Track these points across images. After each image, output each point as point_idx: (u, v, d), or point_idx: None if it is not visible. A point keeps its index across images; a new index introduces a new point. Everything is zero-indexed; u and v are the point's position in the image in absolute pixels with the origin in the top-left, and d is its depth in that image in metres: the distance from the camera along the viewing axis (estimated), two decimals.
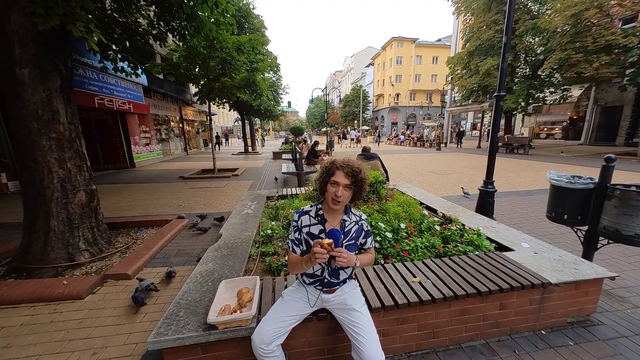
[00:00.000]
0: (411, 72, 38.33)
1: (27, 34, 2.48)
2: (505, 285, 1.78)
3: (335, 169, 1.30)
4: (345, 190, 1.28)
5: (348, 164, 1.30)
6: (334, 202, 1.29)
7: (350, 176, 1.28)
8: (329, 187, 1.30)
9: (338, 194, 1.26)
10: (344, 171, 1.28)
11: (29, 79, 2.52)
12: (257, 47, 9.17)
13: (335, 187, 1.28)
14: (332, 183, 1.29)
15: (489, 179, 3.69)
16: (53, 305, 2.33)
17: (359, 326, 1.31)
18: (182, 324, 1.49)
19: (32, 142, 2.65)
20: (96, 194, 3.30)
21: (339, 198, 1.27)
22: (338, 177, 1.28)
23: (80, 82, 7.42)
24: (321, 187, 1.36)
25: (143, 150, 11.94)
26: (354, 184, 1.30)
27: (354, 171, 1.29)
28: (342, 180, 1.27)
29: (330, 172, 1.31)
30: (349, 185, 1.28)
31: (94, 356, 1.82)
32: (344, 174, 1.28)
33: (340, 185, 1.27)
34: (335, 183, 1.28)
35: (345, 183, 1.28)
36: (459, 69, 18.03)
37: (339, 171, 1.28)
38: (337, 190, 1.27)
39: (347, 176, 1.28)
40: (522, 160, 11.77)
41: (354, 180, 1.29)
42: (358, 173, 1.29)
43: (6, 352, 1.85)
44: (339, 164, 1.30)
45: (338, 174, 1.28)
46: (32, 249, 2.81)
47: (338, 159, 1.34)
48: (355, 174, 1.29)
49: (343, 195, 1.28)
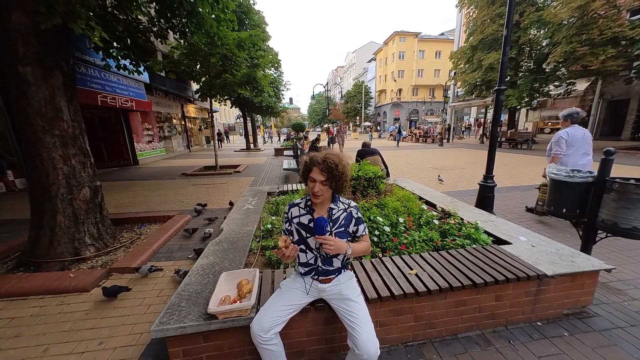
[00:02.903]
0: (414, 67, 37.94)
1: (30, 32, 2.52)
2: (500, 277, 1.81)
3: (312, 166, 1.34)
4: (322, 186, 1.32)
5: (325, 160, 1.32)
6: (314, 197, 1.35)
7: (326, 172, 1.31)
8: (309, 183, 1.36)
9: (315, 189, 1.32)
10: (319, 168, 1.31)
11: (32, 77, 2.57)
12: (258, 43, 9.16)
13: (313, 183, 1.33)
14: (310, 179, 1.34)
15: (489, 174, 3.69)
16: (60, 297, 2.41)
17: (355, 315, 1.34)
18: (183, 314, 1.54)
19: (37, 139, 2.71)
20: (100, 190, 3.37)
21: (317, 194, 1.32)
22: (314, 173, 1.32)
23: (83, 80, 7.49)
24: (304, 182, 1.42)
25: (146, 147, 12.05)
26: (330, 180, 1.32)
27: (330, 167, 1.31)
28: (318, 176, 1.31)
29: (308, 168, 1.36)
30: (324, 181, 1.32)
31: (100, 345, 1.88)
32: (319, 171, 1.31)
33: (316, 181, 1.32)
34: (313, 179, 1.33)
35: (320, 179, 1.31)
36: (462, 64, 17.82)
37: (315, 168, 1.32)
38: (314, 186, 1.32)
39: (322, 173, 1.31)
40: (525, 155, 11.69)
41: (330, 176, 1.31)
42: (334, 169, 1.31)
43: (17, 341, 1.93)
44: (316, 160, 1.34)
45: (314, 170, 1.33)
46: (39, 243, 2.89)
47: (317, 155, 1.37)
48: (331, 170, 1.31)
49: (320, 191, 1.32)
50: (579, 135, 3.50)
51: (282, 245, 1.30)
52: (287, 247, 1.30)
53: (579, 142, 3.49)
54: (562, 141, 3.53)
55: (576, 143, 3.49)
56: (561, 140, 3.53)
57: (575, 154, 3.52)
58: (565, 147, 3.53)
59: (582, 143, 3.50)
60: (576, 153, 3.52)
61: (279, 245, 1.31)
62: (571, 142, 3.49)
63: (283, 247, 1.29)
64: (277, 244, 1.35)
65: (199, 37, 6.83)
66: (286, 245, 1.30)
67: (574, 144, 3.50)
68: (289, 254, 1.30)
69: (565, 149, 3.53)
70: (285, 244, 1.31)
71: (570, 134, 3.50)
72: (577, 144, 3.49)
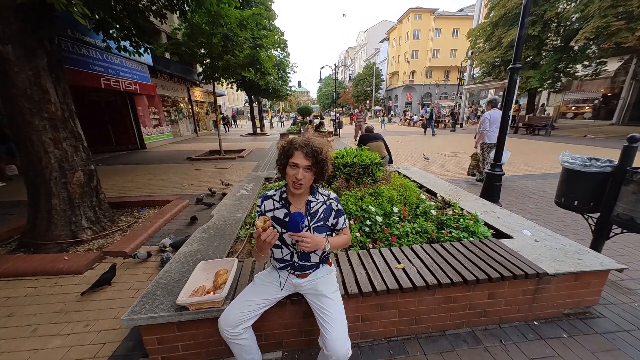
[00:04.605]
0: (428, 47, 35.85)
1: (8, 8, 2.41)
2: (495, 275, 1.67)
3: (294, 150, 1.18)
4: (306, 172, 1.18)
5: (308, 143, 1.19)
6: (295, 186, 1.20)
7: (311, 157, 1.17)
8: (289, 170, 1.20)
9: (298, 176, 1.16)
10: (303, 152, 1.17)
11: (13, 56, 2.49)
12: (261, 22, 8.73)
13: (295, 169, 1.18)
14: (291, 165, 1.19)
15: (497, 161, 3.44)
16: (55, 278, 2.46)
17: (327, 313, 1.26)
18: (157, 303, 1.50)
19: (25, 122, 2.67)
20: (95, 174, 3.36)
21: (300, 181, 1.17)
22: (297, 158, 1.17)
23: (85, 62, 7.43)
24: (281, 170, 1.25)
25: (153, 131, 12.14)
26: (315, 165, 1.19)
27: (314, 151, 1.17)
28: (302, 161, 1.17)
29: (288, 153, 1.20)
30: (309, 166, 1.18)
31: (86, 327, 1.91)
32: (304, 155, 1.17)
33: (300, 167, 1.17)
34: (295, 165, 1.18)
35: (305, 164, 1.17)
36: (481, 42, 16.60)
37: (298, 152, 1.17)
38: (297, 173, 1.17)
39: (307, 157, 1.17)
40: (542, 142, 11.03)
41: (315, 161, 1.18)
42: (319, 153, 1.18)
43: (9, 320, 1.99)
44: (297, 144, 1.19)
45: (297, 155, 1.17)
46: (37, 226, 2.95)
47: (297, 139, 1.23)
48: (316, 154, 1.18)
49: (304, 178, 1.18)
50: (498, 115, 4.69)
51: (260, 225, 1.14)
52: (266, 229, 1.14)
53: (497, 121, 4.54)
54: (486, 120, 5.04)
55: (495, 122, 4.83)
56: (486, 120, 5.05)
57: (496, 130, 4.62)
58: (489, 125, 5.00)
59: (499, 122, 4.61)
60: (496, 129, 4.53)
61: (257, 224, 1.15)
62: (493, 121, 4.95)
63: (260, 228, 1.13)
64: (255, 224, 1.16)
65: (200, 16, 6.56)
66: (265, 226, 1.14)
67: (494, 123, 4.89)
68: (266, 238, 1.12)
69: (489, 126, 4.99)
70: (265, 224, 1.14)
71: (492, 115, 4.99)
72: (496, 123, 4.64)
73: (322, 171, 1.22)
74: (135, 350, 1.70)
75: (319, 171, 1.22)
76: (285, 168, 1.22)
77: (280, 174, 1.27)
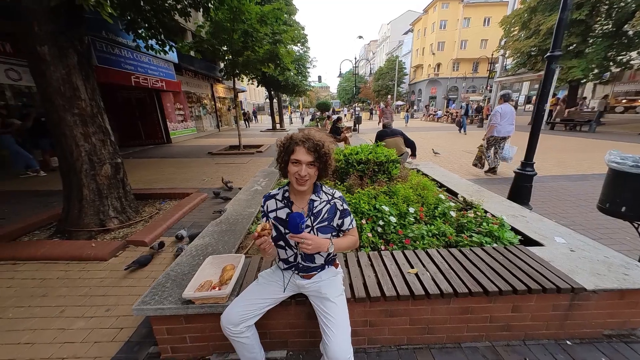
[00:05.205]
0: (456, 38, 33.86)
1: (43, 11, 2.57)
2: (520, 287, 1.51)
3: (295, 146, 1.13)
4: (309, 168, 1.12)
5: (309, 137, 1.13)
6: (299, 183, 1.14)
7: (313, 152, 1.11)
8: (291, 167, 1.14)
9: (302, 173, 1.11)
10: (305, 147, 1.11)
11: (49, 56, 2.67)
12: (281, 17, 8.71)
13: (298, 165, 1.12)
14: (293, 162, 1.13)
15: (529, 160, 3.14)
16: (83, 264, 2.65)
17: (330, 318, 1.20)
18: (165, 295, 1.54)
19: (59, 118, 2.87)
20: (122, 167, 3.56)
21: (304, 178, 1.12)
22: (299, 154, 1.11)
23: (117, 61, 7.89)
24: (282, 169, 1.20)
25: (178, 127, 12.71)
26: (317, 160, 1.13)
27: (316, 145, 1.12)
28: (304, 157, 1.11)
29: (289, 149, 1.14)
30: (312, 162, 1.12)
31: (107, 312, 2.03)
32: (306, 150, 1.11)
33: (302, 163, 1.11)
34: (297, 162, 1.12)
35: (308, 160, 1.11)
36: (516, 29, 15.29)
37: (299, 147, 1.12)
38: (300, 170, 1.11)
39: (309, 152, 1.11)
40: (585, 139, 9.98)
41: (317, 155, 1.12)
42: (321, 147, 1.12)
43: (43, 300, 2.16)
44: (298, 139, 1.13)
45: (298, 150, 1.12)
46: (70, 214, 3.19)
47: (296, 134, 1.17)
48: (318, 149, 1.12)
49: (308, 174, 1.12)
50: (509, 110, 5.15)
51: (258, 230, 1.10)
52: (262, 236, 1.10)
53: (508, 115, 5.14)
54: (497, 114, 5.18)
55: (506, 116, 5.15)
56: (497, 113, 5.18)
57: (505, 124, 5.18)
58: (499, 118, 5.16)
59: (510, 116, 5.17)
60: (506, 123, 5.18)
61: (256, 230, 1.10)
62: (504, 115, 5.15)
63: (256, 233, 1.10)
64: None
65: (222, 13, 6.68)
66: (261, 233, 1.10)
67: (505, 117, 5.15)
68: (265, 247, 1.10)
69: (499, 120, 5.16)
70: (262, 232, 1.10)
71: (503, 109, 5.16)
72: (507, 117, 5.14)
73: (325, 166, 1.17)
74: (148, 337, 1.77)
75: (323, 166, 1.16)
76: (286, 166, 1.16)
77: (281, 172, 1.22)
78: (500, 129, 5.17)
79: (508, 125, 5.16)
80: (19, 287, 2.31)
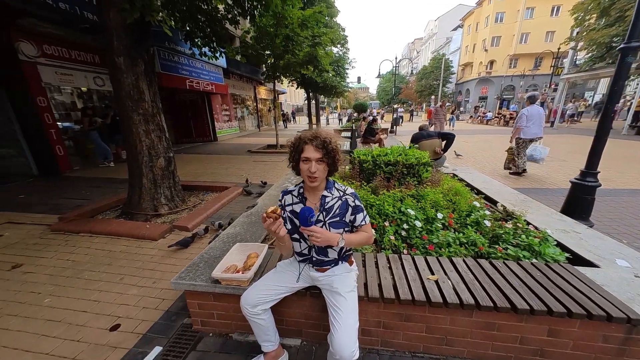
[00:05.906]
0: (515, 31, 30.41)
1: (121, 27, 3.09)
2: (558, 308, 1.35)
3: (304, 144, 1.21)
4: (318, 165, 1.19)
5: (316, 135, 1.20)
6: (310, 180, 1.22)
7: (321, 148, 1.18)
8: (302, 165, 1.22)
9: (312, 169, 1.18)
10: (313, 144, 1.18)
11: (124, 65, 3.19)
12: (322, 20, 8.90)
13: (308, 163, 1.20)
14: (303, 160, 1.21)
15: (591, 169, 2.73)
16: (139, 241, 3.10)
17: (338, 311, 1.25)
18: (198, 273, 1.75)
19: (129, 118, 3.41)
20: (173, 160, 4.06)
21: (314, 174, 1.19)
22: (308, 152, 1.19)
23: (176, 67, 8.95)
24: (295, 167, 1.29)
25: (224, 126, 13.84)
26: (326, 156, 1.19)
27: (324, 142, 1.19)
28: (313, 154, 1.18)
29: (298, 148, 1.23)
30: (320, 158, 1.19)
31: (154, 284, 2.36)
32: (314, 148, 1.18)
33: (311, 160, 1.18)
34: (307, 159, 1.19)
35: (316, 157, 1.18)
36: (593, 17, 13.16)
37: (308, 145, 1.19)
38: (310, 167, 1.19)
39: (317, 149, 1.18)
40: None
41: (326, 152, 1.19)
42: (328, 143, 1.19)
43: (108, 268, 2.61)
44: (306, 138, 1.21)
45: (307, 149, 1.19)
46: (132, 199, 3.76)
47: (304, 133, 1.24)
48: (326, 145, 1.19)
49: (318, 170, 1.19)
50: (536, 112, 5.14)
51: (269, 211, 1.12)
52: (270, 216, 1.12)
53: (535, 117, 5.11)
54: (523, 116, 5.17)
55: (533, 118, 5.13)
56: (523, 115, 5.18)
57: (532, 126, 5.15)
58: (525, 121, 5.15)
59: (537, 118, 5.13)
60: (533, 125, 5.15)
61: (267, 210, 1.13)
62: (530, 117, 5.13)
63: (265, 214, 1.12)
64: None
65: (266, 19, 7.12)
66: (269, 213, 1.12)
67: (531, 119, 5.13)
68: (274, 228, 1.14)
69: (526, 122, 5.15)
70: (269, 212, 1.13)
71: (530, 111, 5.15)
72: (534, 119, 5.12)
73: (334, 161, 1.23)
74: (183, 310, 2.02)
75: (331, 162, 1.22)
76: (298, 164, 1.25)
77: (294, 171, 1.30)
78: (527, 131, 5.20)
79: (535, 127, 5.17)
80: (93, 255, 2.82)
